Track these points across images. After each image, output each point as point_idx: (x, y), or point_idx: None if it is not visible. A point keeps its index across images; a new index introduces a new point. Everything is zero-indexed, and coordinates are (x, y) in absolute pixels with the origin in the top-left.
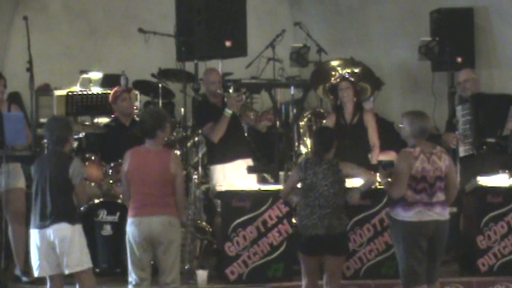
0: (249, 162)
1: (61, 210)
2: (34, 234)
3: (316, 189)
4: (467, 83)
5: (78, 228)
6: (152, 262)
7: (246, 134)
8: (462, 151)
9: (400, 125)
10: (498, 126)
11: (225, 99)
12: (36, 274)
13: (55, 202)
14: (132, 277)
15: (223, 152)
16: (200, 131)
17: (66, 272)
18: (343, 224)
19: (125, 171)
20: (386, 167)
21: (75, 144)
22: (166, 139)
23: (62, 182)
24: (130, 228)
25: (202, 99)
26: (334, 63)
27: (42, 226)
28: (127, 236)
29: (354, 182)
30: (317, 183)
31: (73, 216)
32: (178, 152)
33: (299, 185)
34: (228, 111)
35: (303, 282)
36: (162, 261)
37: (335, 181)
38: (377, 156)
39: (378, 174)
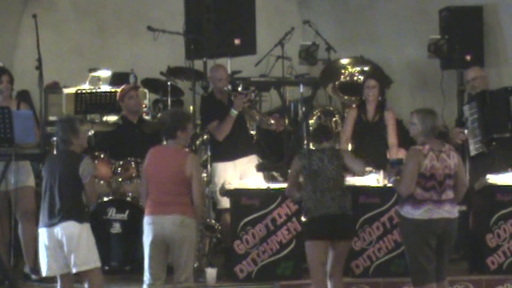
0: (252, 159)
1: (69, 208)
2: (43, 233)
3: (324, 173)
4: (475, 81)
5: (86, 226)
6: (166, 262)
7: (254, 132)
8: (472, 150)
9: (410, 123)
10: (507, 120)
11: (232, 98)
12: (44, 273)
13: (64, 200)
14: (146, 276)
15: (225, 151)
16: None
17: (74, 270)
18: (350, 207)
19: (144, 168)
20: (394, 165)
21: None
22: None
23: (72, 180)
24: (145, 227)
25: (208, 95)
26: (344, 61)
27: (50, 225)
28: (143, 235)
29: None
30: (324, 167)
31: (81, 215)
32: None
33: (300, 178)
34: (234, 112)
35: (313, 281)
36: (175, 260)
37: (340, 166)
38: (395, 155)
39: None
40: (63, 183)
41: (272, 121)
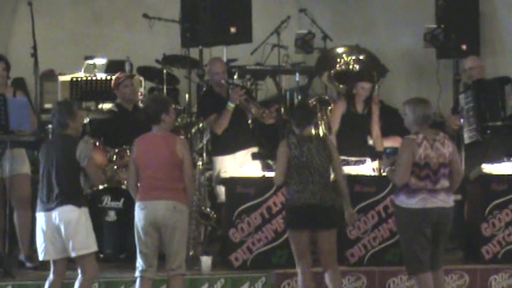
0: (251, 151)
1: (67, 193)
2: (40, 217)
3: (312, 166)
4: (473, 71)
5: (84, 211)
6: (158, 248)
7: (250, 121)
8: (467, 138)
9: (403, 114)
10: (500, 108)
11: (229, 91)
12: (41, 257)
13: (62, 185)
14: (138, 263)
15: (224, 144)
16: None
17: (73, 254)
18: (334, 198)
19: (134, 158)
20: (389, 155)
21: None
22: (172, 123)
23: (69, 164)
24: (137, 212)
25: (207, 89)
26: (340, 50)
27: (48, 209)
28: (134, 221)
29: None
30: (312, 160)
31: (79, 199)
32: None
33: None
34: (231, 105)
35: (298, 269)
36: (167, 247)
37: (326, 156)
38: (381, 146)
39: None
40: (60, 168)
41: (273, 115)
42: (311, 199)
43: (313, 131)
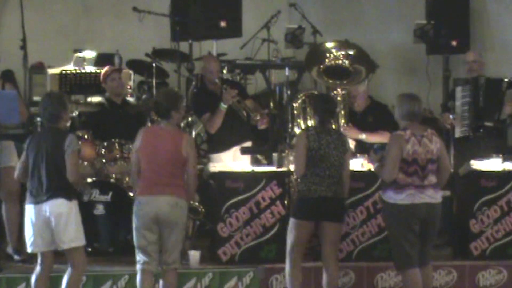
0: (246, 145)
1: (57, 186)
2: (30, 210)
3: (328, 160)
4: (474, 64)
5: (75, 203)
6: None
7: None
8: (458, 132)
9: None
10: (496, 110)
11: (222, 91)
12: (29, 250)
13: (52, 178)
14: (139, 256)
15: (219, 141)
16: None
17: (63, 247)
18: (343, 192)
19: (137, 148)
20: (377, 151)
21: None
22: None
23: (59, 157)
24: (138, 207)
25: (201, 86)
26: (329, 44)
27: (38, 202)
28: (133, 215)
29: None
30: (330, 154)
31: (69, 192)
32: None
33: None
34: (224, 106)
35: (288, 260)
36: (165, 241)
37: (342, 151)
38: (369, 138)
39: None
40: (50, 161)
41: (264, 121)
42: (327, 191)
43: (332, 124)
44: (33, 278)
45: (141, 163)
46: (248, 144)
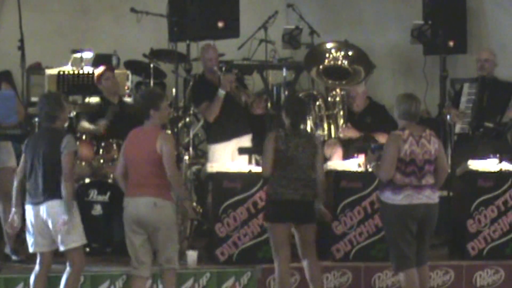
0: (246, 140)
1: (54, 187)
2: (29, 210)
3: (296, 162)
4: (486, 63)
5: (72, 204)
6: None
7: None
8: (458, 128)
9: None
10: (499, 111)
11: (220, 77)
12: (31, 249)
13: (49, 179)
14: (131, 261)
15: (219, 132)
16: (191, 111)
17: (61, 248)
18: (313, 194)
19: (122, 152)
20: (374, 150)
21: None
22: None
23: (55, 158)
24: (123, 210)
25: (200, 76)
26: (329, 45)
27: (36, 203)
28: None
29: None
30: (297, 156)
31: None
32: (168, 131)
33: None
34: (222, 92)
35: (276, 263)
36: (153, 243)
37: (312, 154)
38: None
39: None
40: (47, 161)
41: (261, 105)
42: (294, 194)
43: (302, 126)
44: (31, 278)
45: (127, 165)
46: (247, 138)
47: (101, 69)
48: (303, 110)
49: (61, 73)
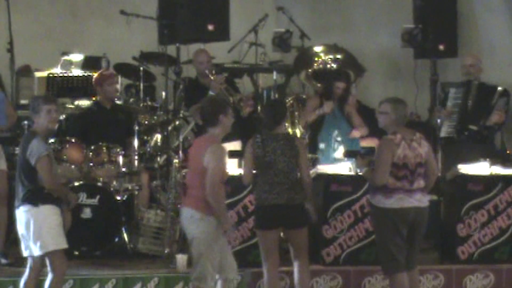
0: (236, 145)
1: (26, 192)
2: (16, 214)
3: (276, 166)
4: (472, 68)
5: (44, 208)
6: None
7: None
8: (444, 132)
9: (381, 113)
10: (482, 115)
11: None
12: (24, 254)
13: (22, 184)
14: None
15: None
16: (181, 114)
17: (35, 254)
18: (301, 197)
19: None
20: (365, 155)
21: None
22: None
23: (25, 162)
24: None
25: (192, 80)
26: (318, 49)
27: (16, 207)
28: None
29: None
30: (276, 160)
31: (36, 198)
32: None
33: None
34: (212, 94)
35: (264, 269)
36: (191, 255)
37: (292, 156)
38: (359, 133)
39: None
40: (20, 166)
41: (249, 103)
42: (278, 199)
43: (283, 130)
44: (21, 282)
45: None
46: (236, 143)
47: (106, 73)
48: (279, 113)
49: (51, 75)
